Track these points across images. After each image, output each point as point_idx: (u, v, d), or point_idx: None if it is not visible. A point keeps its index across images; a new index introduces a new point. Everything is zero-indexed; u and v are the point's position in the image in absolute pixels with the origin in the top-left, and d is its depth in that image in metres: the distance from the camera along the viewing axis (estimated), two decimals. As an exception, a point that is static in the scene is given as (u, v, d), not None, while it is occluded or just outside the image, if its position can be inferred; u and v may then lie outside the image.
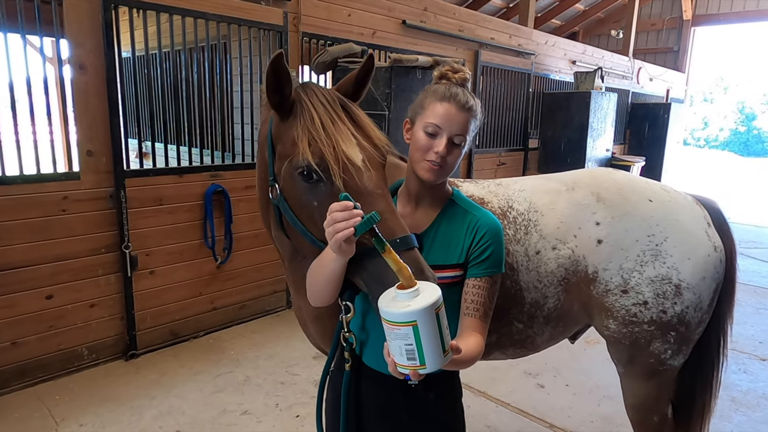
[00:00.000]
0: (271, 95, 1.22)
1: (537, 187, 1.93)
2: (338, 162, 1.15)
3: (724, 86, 33.01)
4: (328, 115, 1.21)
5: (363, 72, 1.33)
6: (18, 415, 2.92)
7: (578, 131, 7.38)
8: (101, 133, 3.33)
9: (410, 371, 1.01)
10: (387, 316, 1.00)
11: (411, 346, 0.98)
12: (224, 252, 4.05)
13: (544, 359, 3.59)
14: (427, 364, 0.99)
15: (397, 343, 1.00)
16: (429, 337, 0.98)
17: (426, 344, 0.98)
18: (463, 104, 1.29)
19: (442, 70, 1.36)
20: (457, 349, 1.05)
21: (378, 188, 1.18)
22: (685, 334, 1.77)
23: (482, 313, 1.29)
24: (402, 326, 0.98)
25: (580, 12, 13.11)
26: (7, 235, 3.00)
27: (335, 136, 1.18)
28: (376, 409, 1.40)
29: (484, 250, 1.31)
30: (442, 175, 1.31)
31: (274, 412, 3.03)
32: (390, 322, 0.99)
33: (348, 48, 4.38)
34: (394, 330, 0.99)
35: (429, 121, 1.28)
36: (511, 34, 7.10)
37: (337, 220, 1.05)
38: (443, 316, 1.00)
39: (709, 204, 1.92)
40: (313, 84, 1.31)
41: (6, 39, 2.92)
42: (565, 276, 1.79)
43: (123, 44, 3.46)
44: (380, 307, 1.01)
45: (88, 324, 3.42)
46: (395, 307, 0.99)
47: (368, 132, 1.26)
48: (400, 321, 0.98)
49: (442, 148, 1.26)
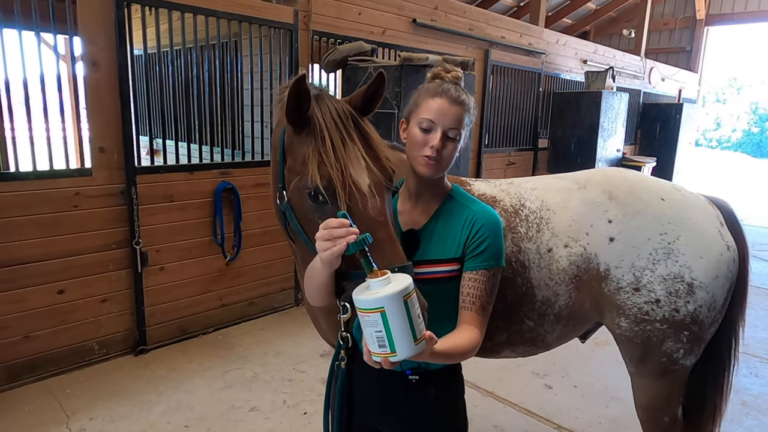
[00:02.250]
0: (290, 113, 1.23)
1: (549, 186, 1.92)
2: (345, 187, 1.17)
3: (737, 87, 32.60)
4: (339, 135, 1.22)
5: (372, 90, 1.33)
6: (29, 408, 2.96)
7: (589, 131, 7.32)
8: (113, 129, 3.36)
9: (382, 359, 1.04)
10: (358, 303, 1.04)
11: (381, 333, 1.02)
12: (233, 249, 4.07)
13: (552, 360, 3.57)
14: (397, 351, 1.02)
15: (369, 330, 1.04)
16: (398, 324, 1.01)
17: (395, 331, 1.01)
18: (455, 98, 1.31)
19: (435, 70, 1.38)
20: (431, 339, 1.07)
21: (381, 216, 1.20)
22: (697, 334, 1.75)
23: (479, 307, 1.30)
24: (371, 313, 1.02)
25: (592, 11, 13.01)
26: (20, 230, 3.04)
27: (344, 159, 1.20)
28: (378, 402, 1.42)
29: (480, 243, 1.32)
30: (438, 170, 1.32)
31: (282, 408, 3.04)
32: (361, 310, 1.04)
33: (358, 46, 4.39)
34: (365, 317, 1.03)
35: (423, 116, 1.30)
36: (522, 33, 7.06)
37: (333, 236, 1.08)
38: (413, 303, 1.03)
39: (722, 204, 1.90)
40: (327, 97, 1.30)
41: (21, 36, 2.95)
42: (576, 273, 1.78)
43: (135, 42, 3.48)
44: (353, 296, 1.06)
45: (98, 319, 3.45)
46: (365, 295, 1.03)
47: (377, 152, 1.27)
48: (368, 308, 1.02)
49: (437, 141, 1.28)
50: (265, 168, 4.17)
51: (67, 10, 3.11)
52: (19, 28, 2.93)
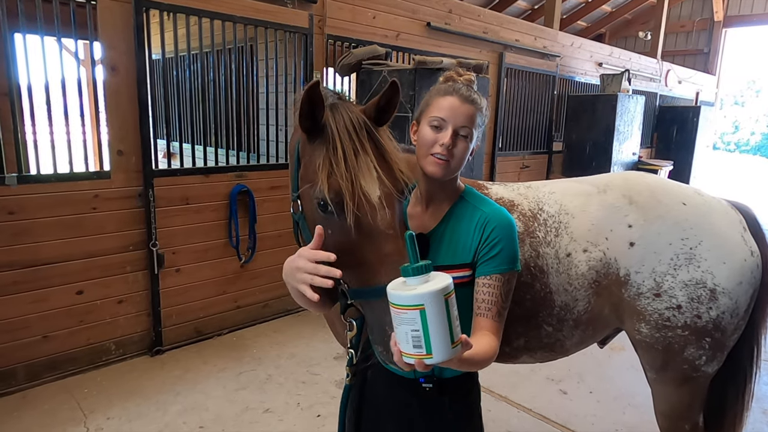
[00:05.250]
0: (303, 121, 1.20)
1: (567, 190, 1.90)
2: (354, 198, 1.13)
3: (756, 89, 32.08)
4: (352, 145, 1.18)
5: (384, 100, 1.28)
6: (48, 406, 3.00)
7: (604, 134, 7.25)
8: (131, 133, 3.41)
9: (416, 360, 0.97)
10: (394, 299, 0.97)
11: (417, 332, 0.95)
12: (248, 251, 4.09)
13: (567, 365, 3.53)
14: (433, 353, 0.95)
15: (404, 328, 0.96)
16: (437, 324, 0.95)
17: (433, 331, 0.95)
18: (466, 97, 1.28)
19: (448, 74, 1.36)
20: (466, 344, 1.00)
21: (390, 228, 1.16)
22: (720, 340, 1.72)
23: (495, 313, 1.25)
24: (409, 310, 0.95)
25: (607, 13, 12.91)
26: (40, 231, 3.09)
27: (355, 170, 1.16)
28: (391, 410, 1.39)
29: (493, 247, 1.27)
30: (449, 170, 1.28)
31: (296, 411, 3.05)
32: (397, 306, 0.97)
33: (372, 50, 4.40)
34: (401, 314, 0.96)
35: (433, 114, 1.28)
36: (536, 36, 7.03)
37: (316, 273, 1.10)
38: (453, 304, 0.97)
39: (744, 209, 1.87)
40: (342, 104, 1.26)
41: (43, 42, 3.01)
42: (596, 278, 1.76)
43: (153, 46, 3.53)
44: (389, 291, 0.99)
45: (116, 319, 3.50)
46: (403, 291, 0.97)
47: (391, 163, 1.23)
48: (407, 304, 0.95)
49: (447, 139, 1.25)
50: (279, 171, 4.20)
51: (87, 15, 3.17)
52: (42, 33, 2.99)
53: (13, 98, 2.97)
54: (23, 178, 3.02)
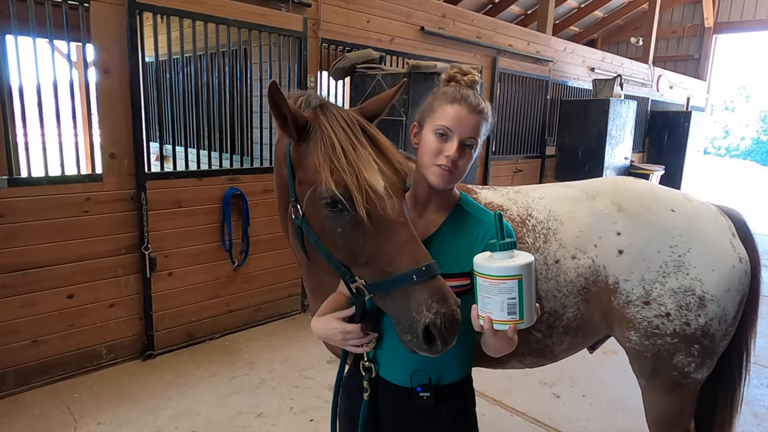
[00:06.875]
0: (279, 120, 1.23)
1: (557, 195, 1.91)
2: (361, 191, 1.14)
3: (746, 95, 32.40)
4: (348, 140, 1.19)
5: (385, 102, 1.33)
6: (38, 411, 2.98)
7: (596, 139, 7.30)
8: (124, 136, 3.39)
9: (510, 326, 1.10)
10: (492, 271, 1.09)
11: (514, 299, 1.08)
12: (241, 255, 4.08)
13: (560, 369, 3.55)
14: (525, 318, 1.10)
15: (500, 297, 1.08)
16: (529, 292, 1.09)
17: (526, 299, 1.09)
18: (474, 106, 1.26)
19: (451, 72, 1.33)
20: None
21: (400, 216, 1.17)
22: (709, 347, 1.73)
23: None
24: (508, 280, 1.07)
25: (599, 19, 13.01)
26: (31, 234, 3.07)
27: (357, 164, 1.16)
28: (390, 419, 1.38)
29: None
30: (452, 180, 1.28)
31: (289, 415, 3.04)
32: (495, 277, 1.08)
33: (366, 54, 4.41)
34: (499, 284, 1.08)
35: (439, 123, 1.26)
36: (530, 41, 7.07)
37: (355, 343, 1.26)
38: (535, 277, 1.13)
39: (734, 214, 1.88)
40: (332, 105, 1.28)
41: (35, 44, 3.00)
42: (584, 286, 1.77)
43: (146, 49, 3.52)
44: (481, 264, 1.11)
45: (107, 324, 3.47)
46: (500, 263, 1.09)
47: (388, 156, 1.24)
48: (507, 275, 1.07)
49: (453, 151, 1.24)
50: (273, 174, 4.18)
51: (80, 18, 3.16)
52: (34, 35, 2.98)
53: (4, 100, 2.95)
54: (14, 181, 3.00)
